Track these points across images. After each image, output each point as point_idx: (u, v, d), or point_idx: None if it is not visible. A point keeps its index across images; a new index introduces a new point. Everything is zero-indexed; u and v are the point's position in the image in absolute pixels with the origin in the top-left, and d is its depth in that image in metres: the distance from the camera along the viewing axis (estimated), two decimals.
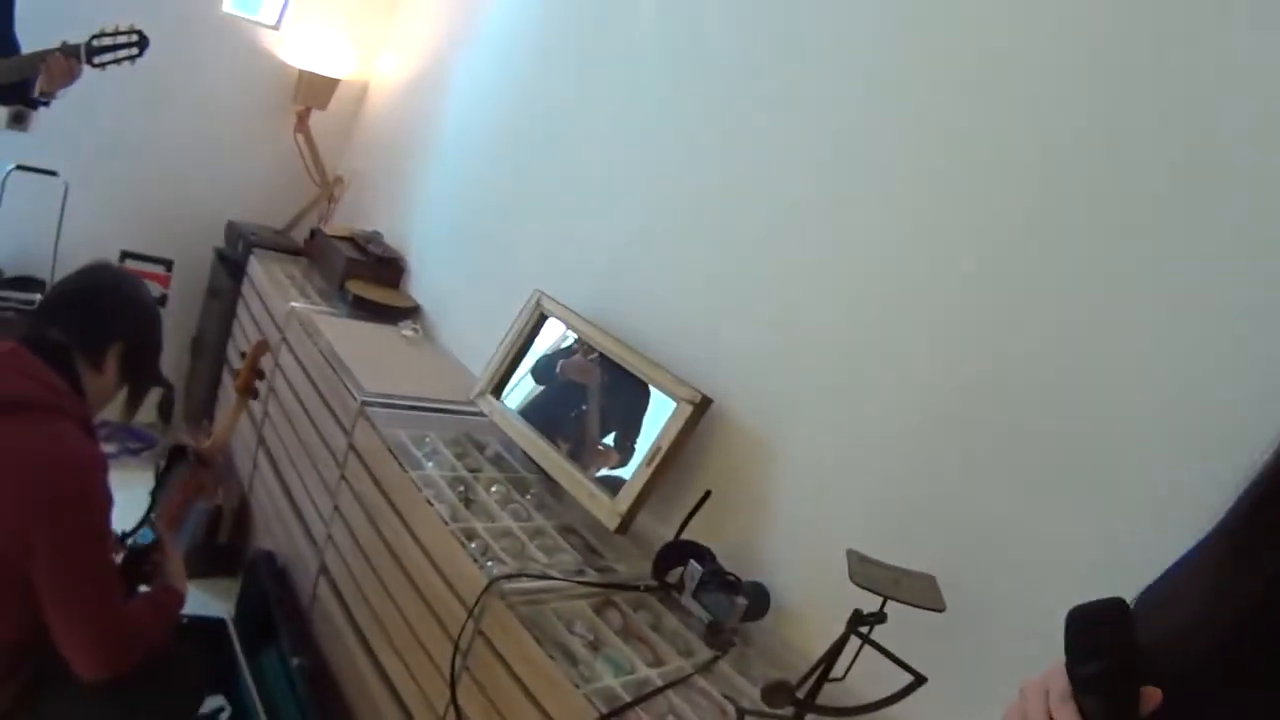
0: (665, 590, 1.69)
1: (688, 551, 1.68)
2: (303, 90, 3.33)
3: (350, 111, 3.57)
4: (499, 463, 2.13)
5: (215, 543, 2.67)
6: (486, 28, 2.93)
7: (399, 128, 3.33)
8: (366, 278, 2.96)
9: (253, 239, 3.18)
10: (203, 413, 3.27)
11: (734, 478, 1.80)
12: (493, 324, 2.35)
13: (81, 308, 1.54)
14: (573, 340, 2.12)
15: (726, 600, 1.57)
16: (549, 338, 2.18)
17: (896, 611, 1.22)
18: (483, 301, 2.67)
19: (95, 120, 2.96)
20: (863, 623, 1.24)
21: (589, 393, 2.03)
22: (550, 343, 2.18)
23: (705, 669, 1.50)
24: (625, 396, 1.94)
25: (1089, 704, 0.67)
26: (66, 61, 2.09)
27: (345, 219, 3.48)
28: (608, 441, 1.95)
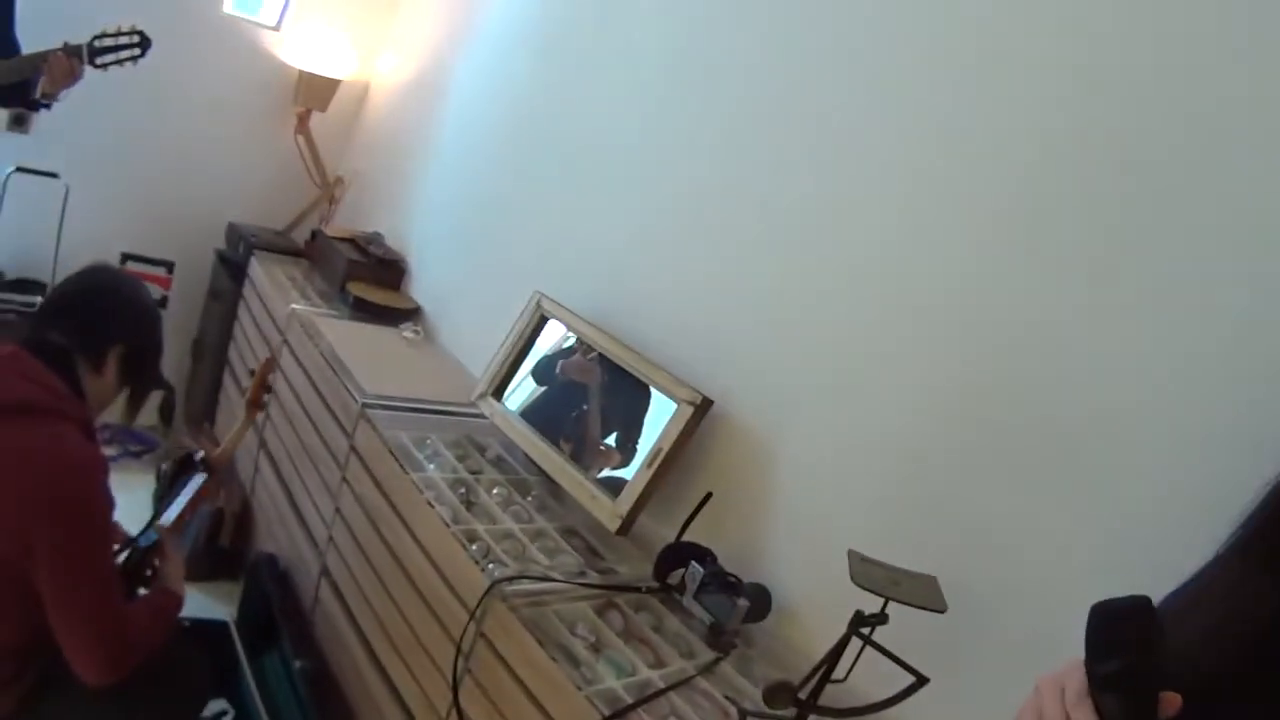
0: (667, 592, 1.69)
1: (689, 553, 1.68)
2: (303, 91, 3.33)
3: (351, 112, 3.57)
4: (500, 464, 2.13)
5: (217, 546, 2.67)
6: (486, 28, 2.93)
7: (399, 128, 3.33)
8: (367, 279, 2.96)
9: (253, 240, 3.18)
10: (204, 415, 3.28)
11: (735, 479, 1.80)
12: (493, 325, 2.35)
13: (81, 310, 1.54)
14: (573, 341, 2.12)
15: (728, 601, 1.57)
16: (550, 339, 2.18)
17: (898, 612, 1.22)
18: (483, 303, 2.67)
19: (96, 122, 2.95)
20: (864, 624, 1.24)
21: (589, 392, 2.02)
22: (551, 344, 2.18)
23: (707, 670, 1.50)
24: (626, 397, 1.94)
25: (1107, 702, 0.65)
26: (69, 62, 2.09)
27: (346, 220, 3.48)
28: (609, 442, 1.95)
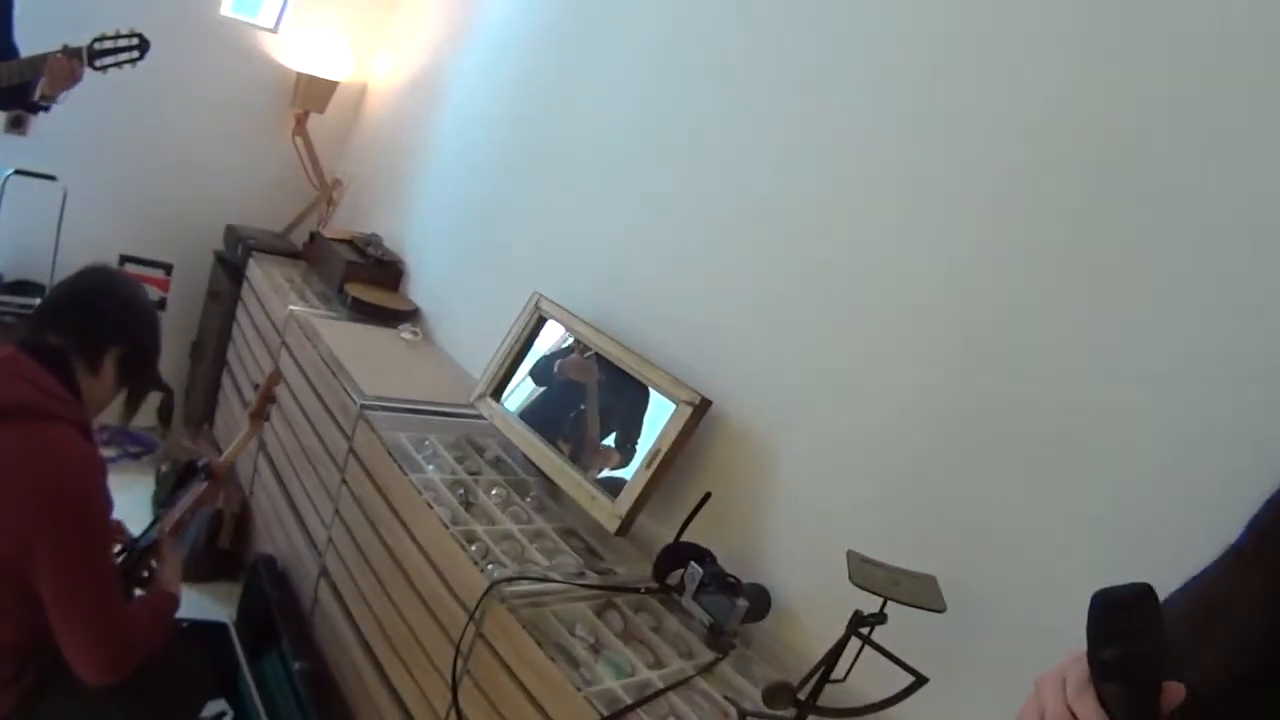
0: (666, 592, 1.69)
1: (688, 553, 1.68)
2: (301, 93, 3.33)
3: (348, 114, 3.57)
4: (499, 465, 2.13)
5: (216, 547, 2.67)
6: (483, 30, 2.93)
7: (397, 130, 3.33)
8: (365, 280, 2.96)
9: (252, 242, 3.18)
10: (202, 416, 3.28)
11: (734, 479, 1.80)
12: (492, 326, 2.35)
13: (78, 311, 1.54)
14: (571, 341, 2.11)
15: (727, 602, 1.56)
16: (548, 339, 2.18)
17: (897, 612, 1.22)
18: (482, 304, 2.66)
19: (94, 124, 2.95)
20: (863, 624, 1.24)
21: (587, 391, 2.03)
22: (550, 344, 2.17)
23: (706, 671, 1.50)
24: (625, 397, 1.94)
25: (1109, 691, 0.63)
26: (69, 64, 2.09)
27: (344, 222, 3.48)
28: (608, 442, 1.95)
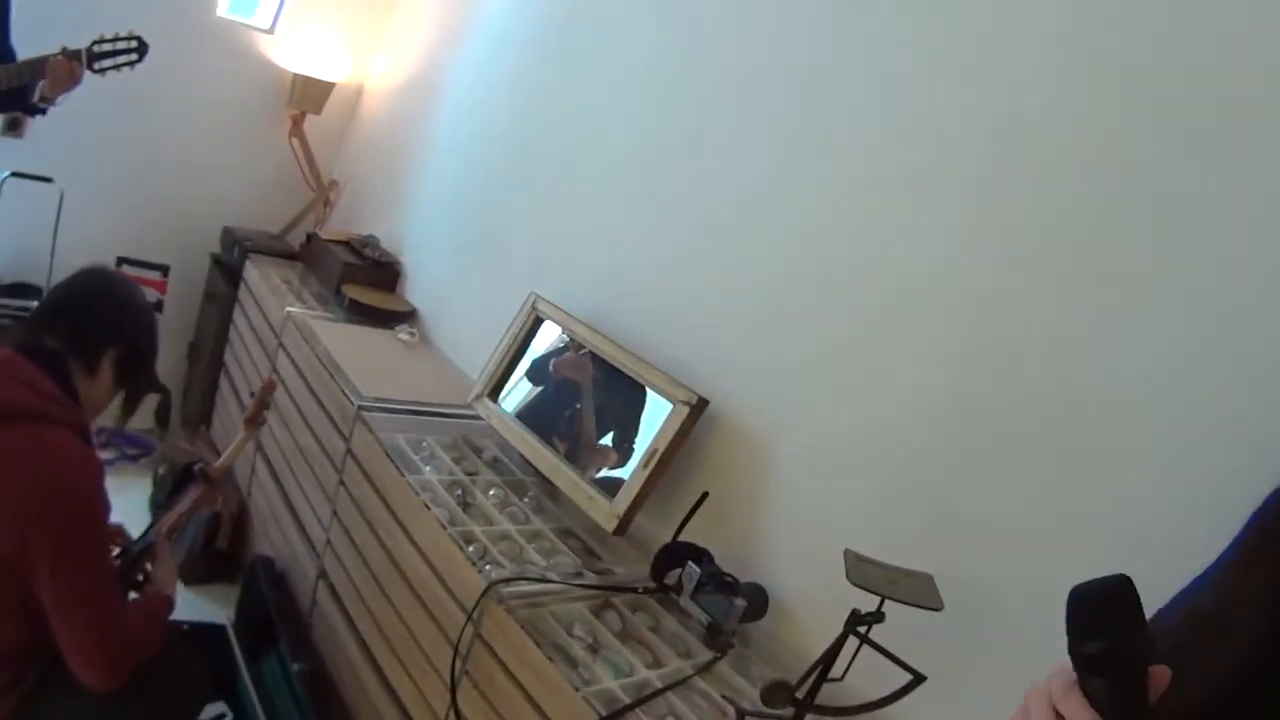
0: (664, 592, 1.69)
1: (686, 553, 1.68)
2: (297, 94, 3.32)
3: (345, 115, 3.56)
4: (496, 466, 2.13)
5: (215, 549, 2.67)
6: (480, 32, 2.93)
7: (394, 131, 3.33)
8: (362, 282, 2.96)
9: (248, 244, 3.18)
10: (200, 418, 3.27)
11: (731, 479, 1.80)
12: (489, 327, 2.35)
13: (75, 313, 1.54)
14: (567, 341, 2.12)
15: (725, 601, 1.57)
16: (545, 340, 2.18)
17: (895, 611, 1.22)
18: (479, 305, 2.66)
19: (90, 126, 2.95)
20: (861, 622, 1.24)
21: (582, 389, 2.03)
22: (547, 345, 2.17)
23: (704, 670, 1.50)
24: (622, 396, 1.94)
25: (1094, 686, 0.62)
26: (69, 65, 2.10)
27: (341, 223, 3.48)
28: (606, 442, 1.95)
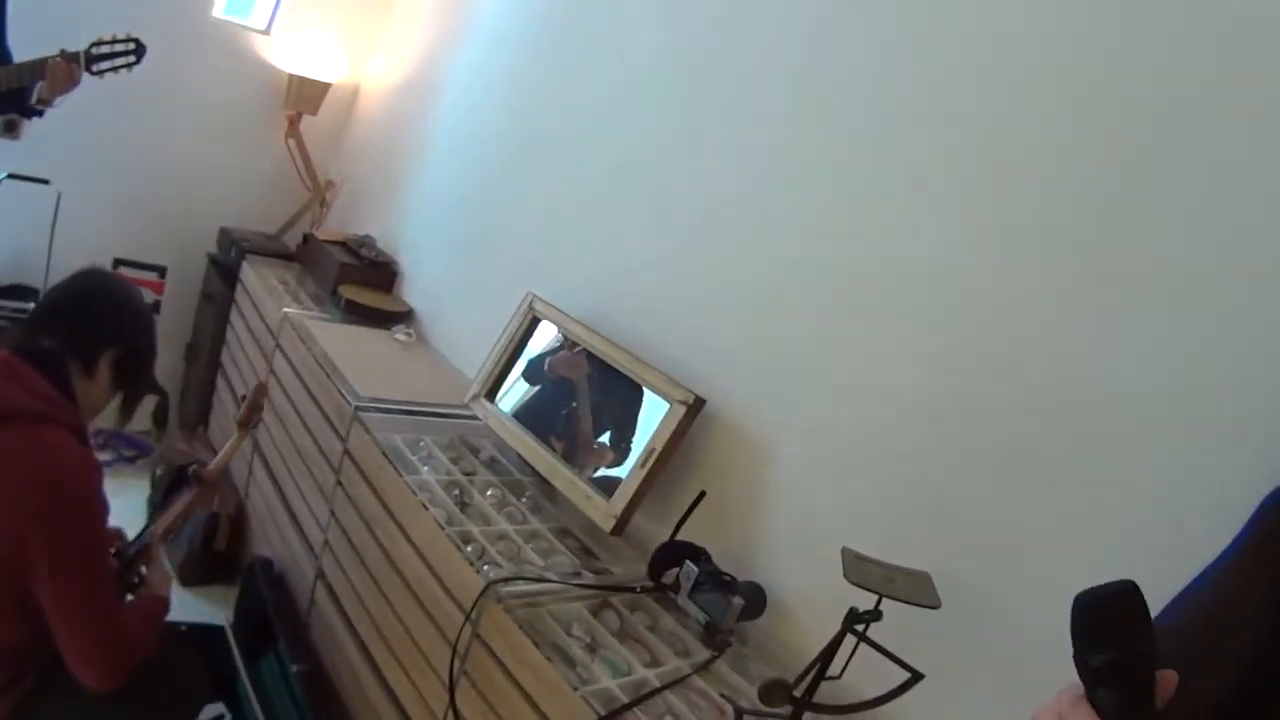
0: (661, 591, 1.70)
1: (683, 552, 1.68)
2: (294, 95, 3.32)
3: (341, 116, 3.56)
4: (494, 466, 2.13)
5: (213, 550, 2.67)
6: (476, 32, 2.93)
7: (390, 131, 3.32)
8: (359, 282, 2.96)
9: (245, 244, 3.18)
10: (198, 419, 3.27)
11: (728, 478, 1.80)
12: (486, 327, 2.35)
13: (73, 314, 1.53)
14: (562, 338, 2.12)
15: (723, 600, 1.57)
16: (542, 340, 2.18)
17: (892, 609, 1.23)
18: (476, 305, 2.66)
19: (87, 128, 2.94)
20: (858, 621, 1.24)
21: (577, 386, 2.03)
22: (544, 345, 2.17)
23: (702, 669, 1.50)
24: (620, 396, 1.94)
25: (1102, 697, 0.62)
26: (68, 67, 2.11)
27: (337, 223, 3.47)
28: (603, 441, 1.95)
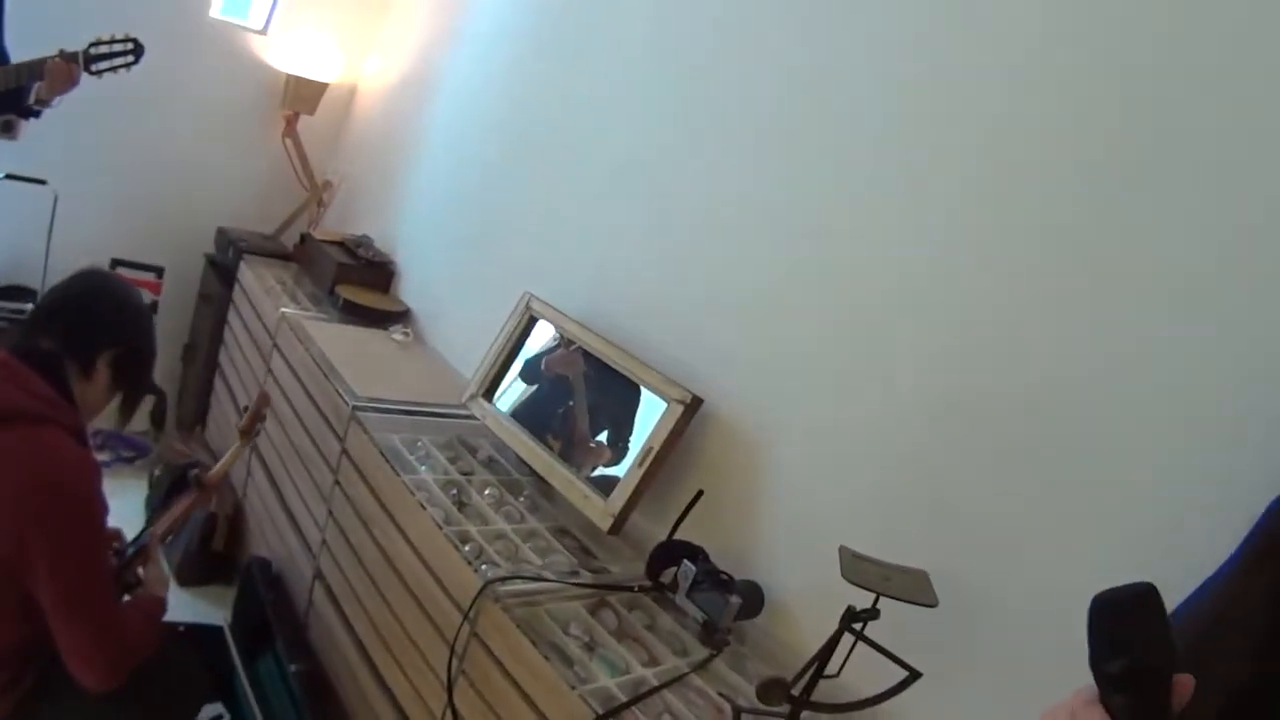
0: (659, 590, 1.70)
1: (681, 551, 1.68)
2: (291, 95, 3.32)
3: (338, 115, 3.56)
4: (492, 465, 2.13)
5: (211, 550, 2.67)
6: (473, 32, 2.93)
7: (387, 131, 3.32)
8: (356, 282, 2.96)
9: (242, 245, 3.17)
10: (195, 419, 3.27)
11: (726, 477, 1.80)
12: (483, 327, 2.35)
13: (71, 314, 1.53)
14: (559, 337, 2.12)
15: (720, 599, 1.57)
16: (539, 339, 2.18)
17: (890, 607, 1.23)
18: (473, 304, 2.66)
19: (84, 128, 2.93)
20: (856, 619, 1.24)
21: (574, 385, 2.03)
22: (541, 344, 2.18)
23: (700, 668, 1.50)
24: (617, 395, 1.94)
25: (1117, 703, 0.61)
26: (67, 67, 2.11)
27: (334, 223, 3.47)
28: (601, 439, 1.96)
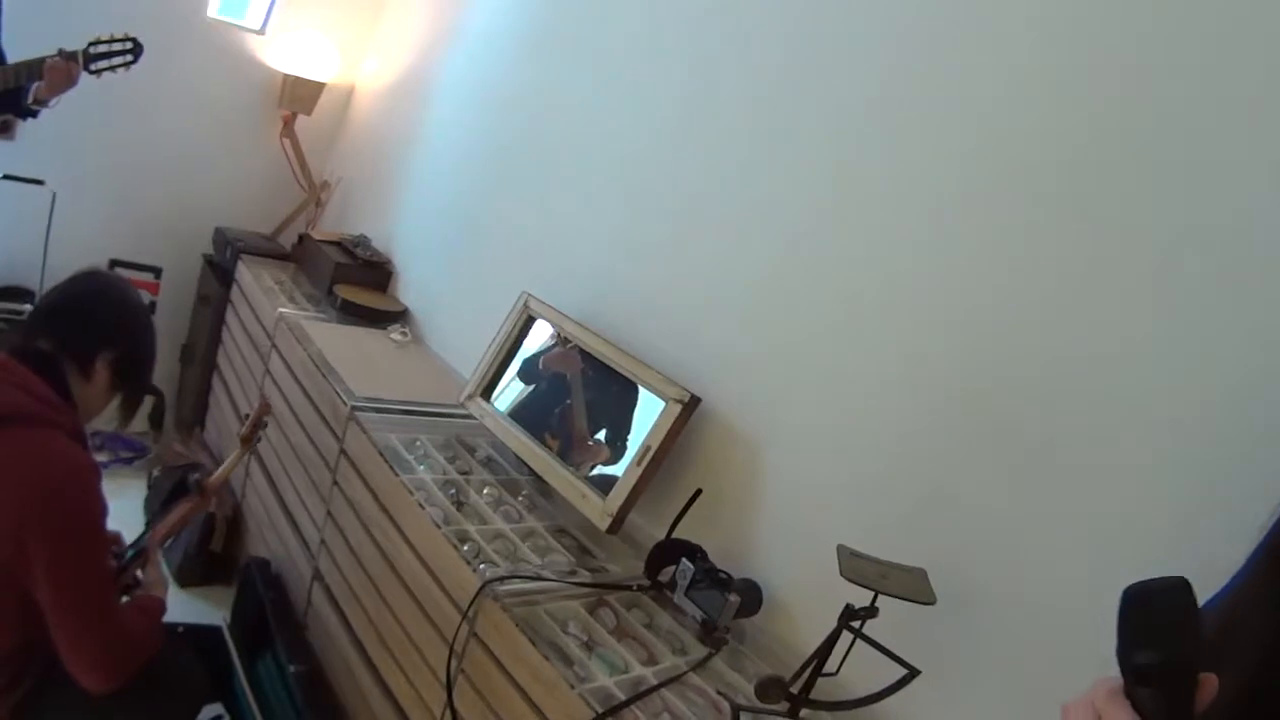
0: (658, 589, 1.70)
1: (679, 550, 1.69)
2: (288, 95, 3.32)
3: (336, 116, 3.56)
4: (490, 465, 2.13)
5: (210, 551, 2.67)
6: (471, 31, 2.93)
7: (385, 131, 3.32)
8: (354, 282, 2.96)
9: (240, 245, 3.17)
10: (194, 420, 3.27)
11: (724, 476, 1.80)
12: (482, 326, 2.35)
13: (70, 315, 1.53)
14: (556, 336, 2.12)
15: (719, 598, 1.57)
16: (538, 339, 2.18)
17: (888, 605, 1.23)
18: (471, 304, 2.67)
19: (81, 128, 2.94)
20: (854, 617, 1.24)
21: (571, 383, 2.03)
22: (539, 343, 2.18)
23: (699, 666, 1.50)
24: (615, 394, 1.94)
25: (1142, 696, 0.60)
26: (67, 67, 2.10)
27: (332, 223, 3.48)
28: (599, 438, 1.96)
